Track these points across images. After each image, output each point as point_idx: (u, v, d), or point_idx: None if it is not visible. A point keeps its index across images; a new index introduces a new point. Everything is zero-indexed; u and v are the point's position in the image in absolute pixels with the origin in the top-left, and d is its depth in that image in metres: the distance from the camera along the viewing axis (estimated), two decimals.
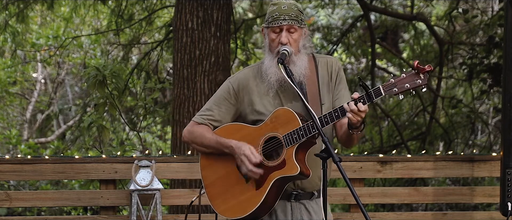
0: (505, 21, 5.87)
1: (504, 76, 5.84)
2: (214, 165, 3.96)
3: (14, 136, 13.23)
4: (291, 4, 3.87)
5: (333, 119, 3.70)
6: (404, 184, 9.62)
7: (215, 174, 3.95)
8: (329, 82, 3.95)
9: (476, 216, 6.45)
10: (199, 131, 3.97)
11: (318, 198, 3.95)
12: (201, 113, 4.02)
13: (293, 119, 3.77)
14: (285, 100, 3.89)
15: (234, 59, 10.05)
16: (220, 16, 7.65)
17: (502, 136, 5.90)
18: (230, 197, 3.89)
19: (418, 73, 3.57)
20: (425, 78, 3.57)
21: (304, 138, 3.73)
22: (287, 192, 3.87)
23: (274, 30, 3.85)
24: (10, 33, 10.49)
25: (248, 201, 3.82)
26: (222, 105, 3.97)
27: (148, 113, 8.28)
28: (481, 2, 11.00)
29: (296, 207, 3.91)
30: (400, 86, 3.59)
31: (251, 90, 3.93)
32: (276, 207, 3.88)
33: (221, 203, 3.91)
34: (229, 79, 4.03)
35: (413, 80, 3.58)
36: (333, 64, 3.97)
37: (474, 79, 9.93)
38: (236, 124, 3.94)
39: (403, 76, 3.60)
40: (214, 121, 3.98)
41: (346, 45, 11.68)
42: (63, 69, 15.08)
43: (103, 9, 11.85)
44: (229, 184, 3.89)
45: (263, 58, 3.94)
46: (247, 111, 3.93)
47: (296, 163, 3.74)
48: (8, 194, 6.16)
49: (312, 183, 3.89)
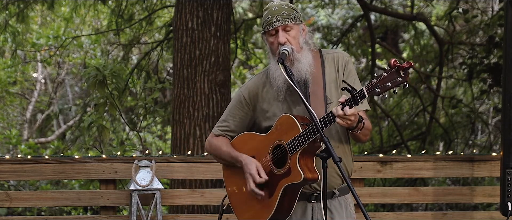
0: (505, 21, 5.87)
1: (504, 76, 5.84)
2: (234, 175, 4.03)
3: (14, 136, 13.23)
4: (281, 4, 3.85)
5: (326, 124, 3.67)
6: (404, 184, 9.63)
7: (235, 184, 4.03)
8: (336, 78, 3.90)
9: (476, 216, 6.45)
10: (217, 143, 4.06)
11: (340, 196, 3.94)
12: (219, 125, 4.10)
13: (294, 125, 3.76)
14: (293, 104, 3.88)
15: (234, 59, 10.05)
16: (220, 16, 7.65)
17: (502, 136, 5.89)
18: (249, 206, 3.96)
19: (398, 71, 3.49)
20: (406, 75, 3.48)
21: (305, 144, 3.72)
22: (306, 194, 3.87)
23: (271, 34, 3.84)
24: (11, 33, 10.50)
25: (263, 209, 3.88)
26: (236, 115, 4.02)
27: (148, 112, 8.29)
28: (481, 2, 11.00)
29: (317, 208, 3.89)
30: (382, 86, 3.52)
31: (262, 97, 3.95)
32: (297, 208, 3.88)
33: (243, 213, 4.00)
34: (240, 89, 4.06)
35: (394, 78, 3.49)
36: (340, 59, 3.92)
37: (474, 79, 9.93)
38: (249, 133, 3.99)
39: (384, 75, 3.51)
40: (230, 132, 4.05)
41: (346, 45, 11.67)
42: (63, 69, 15.09)
43: (103, 9, 11.85)
44: (247, 193, 3.94)
45: (269, 63, 3.93)
46: (261, 118, 3.96)
47: (300, 170, 3.73)
48: (8, 194, 6.16)
49: (330, 183, 3.84)
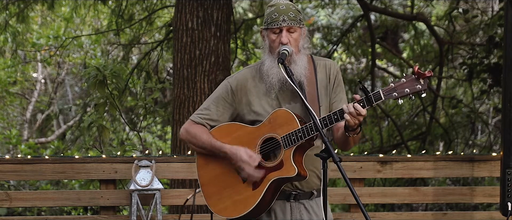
0: (505, 21, 5.87)
1: (504, 76, 5.85)
2: (211, 164, 3.96)
3: (14, 136, 13.23)
4: (289, 4, 3.87)
5: (332, 121, 3.69)
6: (404, 184, 9.62)
7: (212, 173, 3.96)
8: (327, 85, 3.94)
9: (476, 216, 6.45)
10: (195, 130, 3.97)
11: (317, 197, 3.95)
12: (199, 112, 4.01)
13: (291, 120, 3.76)
14: (283, 101, 3.88)
15: (234, 59, 10.06)
16: (220, 16, 7.65)
17: (502, 136, 5.90)
18: (226, 196, 3.89)
19: (418, 79, 3.58)
20: (425, 83, 3.58)
21: (302, 139, 3.73)
22: (286, 193, 3.87)
23: (274, 31, 3.84)
24: (11, 33, 10.50)
25: (245, 201, 3.83)
26: (220, 105, 3.96)
27: (148, 112, 8.28)
28: (481, 2, 11.01)
29: (296, 207, 3.91)
30: (400, 91, 3.60)
31: (249, 90, 3.92)
32: (275, 207, 3.89)
33: (217, 202, 3.92)
34: (228, 79, 4.02)
35: (413, 85, 3.58)
36: (332, 68, 3.96)
37: (474, 79, 9.93)
38: (234, 124, 3.94)
39: (403, 81, 3.60)
40: (211, 120, 3.97)
41: (346, 45, 11.69)
42: (63, 69, 15.09)
43: (103, 9, 11.85)
44: (226, 183, 3.89)
45: (263, 59, 3.93)
46: (245, 111, 3.92)
47: (294, 165, 3.73)
48: (8, 194, 6.16)
49: (310, 183, 3.89)
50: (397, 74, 12.52)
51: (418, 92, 3.59)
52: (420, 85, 3.58)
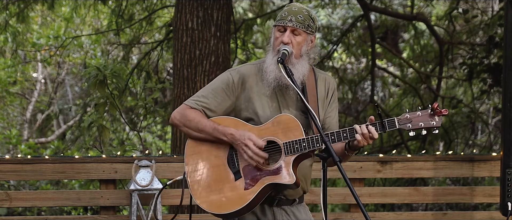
0: (505, 21, 5.87)
1: (504, 76, 5.85)
2: (204, 154, 3.82)
3: (14, 136, 13.23)
4: (303, 8, 3.84)
5: (340, 139, 3.68)
6: (404, 184, 9.63)
7: (203, 163, 3.81)
8: (324, 98, 3.92)
9: (476, 216, 6.45)
10: (193, 114, 3.82)
11: (299, 204, 3.93)
12: (196, 98, 3.87)
13: (296, 127, 3.72)
14: (282, 105, 3.84)
15: (234, 59, 10.05)
16: (220, 16, 7.65)
17: (502, 136, 5.90)
18: (214, 190, 3.77)
19: (433, 115, 3.68)
20: (440, 121, 3.68)
21: (305, 150, 3.68)
22: (269, 197, 3.80)
23: (279, 29, 3.82)
24: (11, 33, 10.51)
25: (234, 199, 3.73)
26: (219, 95, 3.84)
27: (148, 112, 8.28)
28: (481, 2, 11.01)
29: (278, 213, 3.88)
30: (415, 124, 3.70)
31: (251, 87, 3.85)
32: (257, 211, 3.84)
33: (203, 194, 3.78)
34: (230, 71, 3.92)
35: (427, 120, 3.68)
36: (331, 83, 3.97)
37: (474, 79, 9.93)
38: (233, 119, 3.83)
39: (419, 114, 3.69)
40: (208, 110, 3.83)
41: (346, 45, 11.68)
42: (63, 69, 15.09)
43: (104, 9, 11.86)
44: (216, 177, 3.78)
45: (266, 56, 3.89)
46: (242, 106, 3.84)
47: (293, 174, 3.69)
48: (8, 194, 6.16)
49: (295, 191, 3.85)
50: (397, 74, 12.53)
51: (432, 128, 3.69)
52: (435, 122, 3.69)
